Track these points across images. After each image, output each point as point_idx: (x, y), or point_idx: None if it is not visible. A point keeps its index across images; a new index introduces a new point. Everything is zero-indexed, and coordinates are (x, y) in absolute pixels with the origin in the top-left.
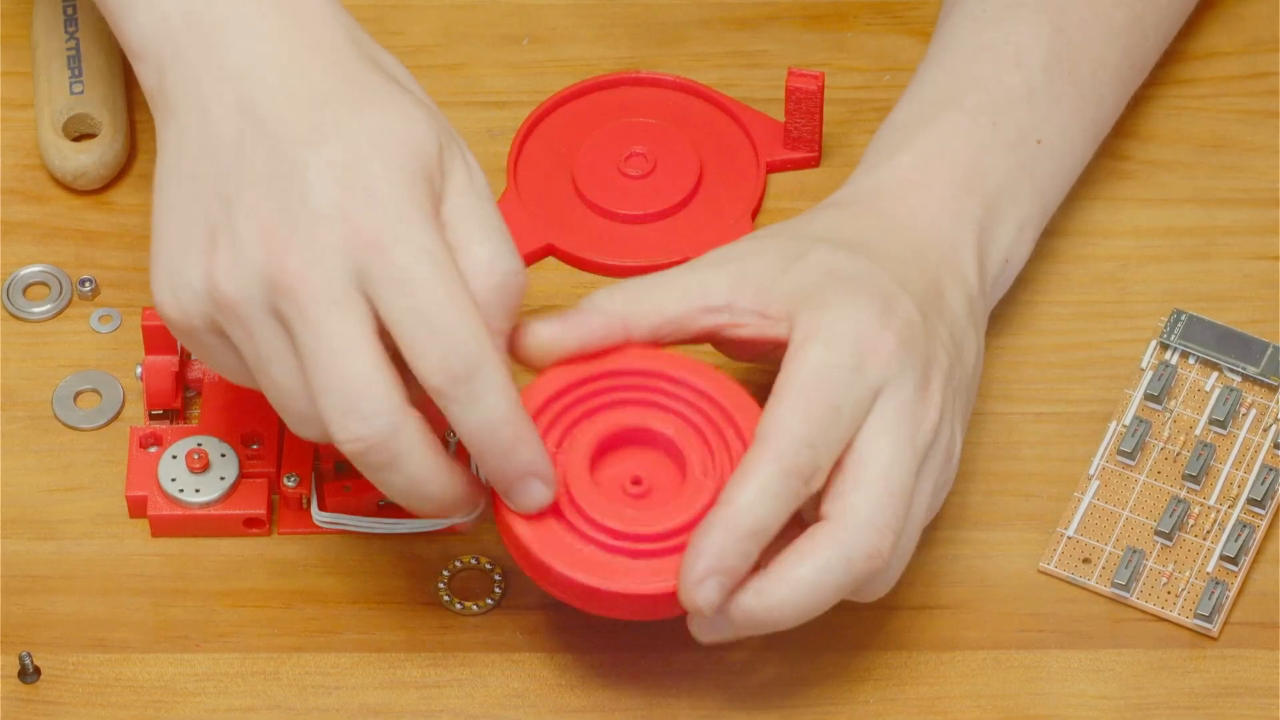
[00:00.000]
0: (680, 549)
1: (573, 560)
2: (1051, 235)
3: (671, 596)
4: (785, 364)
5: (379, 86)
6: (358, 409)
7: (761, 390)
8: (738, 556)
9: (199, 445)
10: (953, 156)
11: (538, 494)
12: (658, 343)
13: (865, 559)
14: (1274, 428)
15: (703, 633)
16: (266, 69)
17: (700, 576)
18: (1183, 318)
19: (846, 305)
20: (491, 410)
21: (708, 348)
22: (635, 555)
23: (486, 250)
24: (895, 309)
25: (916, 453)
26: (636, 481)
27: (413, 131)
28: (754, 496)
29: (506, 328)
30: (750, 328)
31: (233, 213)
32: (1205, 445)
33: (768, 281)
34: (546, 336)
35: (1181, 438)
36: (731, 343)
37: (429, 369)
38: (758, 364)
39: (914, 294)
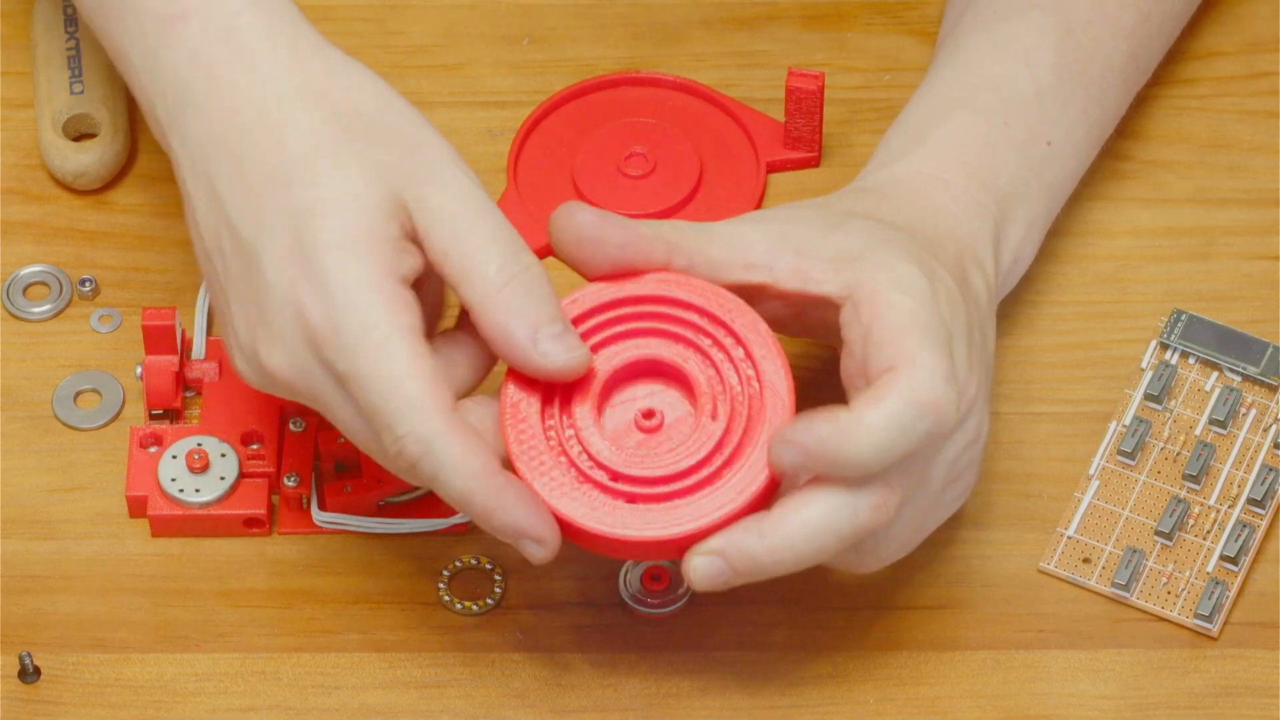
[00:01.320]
0: (670, 496)
1: (569, 499)
2: (1051, 235)
3: (654, 545)
4: (873, 319)
5: (316, 149)
6: (392, 426)
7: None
8: (833, 463)
9: (199, 445)
10: (965, 154)
11: (532, 551)
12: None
13: (871, 509)
14: (1274, 428)
15: (700, 578)
16: (221, 149)
17: (791, 437)
18: (1183, 318)
19: (900, 266)
20: (452, 488)
21: None
22: (633, 499)
23: (494, 264)
24: (937, 275)
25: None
26: (649, 415)
27: (350, 194)
28: (881, 418)
29: (543, 319)
30: (790, 284)
31: (229, 305)
32: (1205, 445)
33: (809, 246)
34: (585, 219)
35: (1181, 438)
36: (770, 300)
37: (384, 458)
38: (790, 334)
39: (948, 270)
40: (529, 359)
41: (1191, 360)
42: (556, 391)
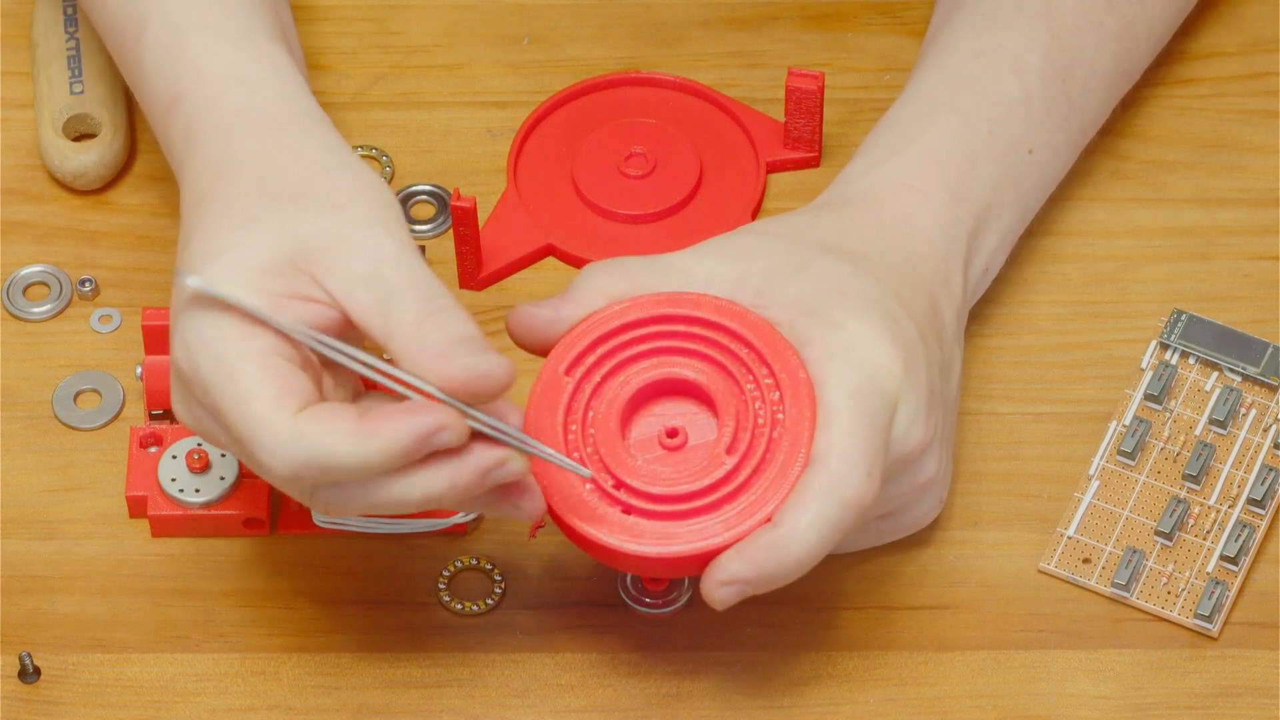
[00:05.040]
0: (677, 516)
1: (576, 508)
2: (1051, 235)
3: (657, 561)
4: (814, 385)
5: (227, 210)
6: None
7: None
8: (773, 580)
9: (199, 445)
10: (947, 162)
11: (445, 439)
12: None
13: (856, 498)
14: (1274, 428)
15: (723, 603)
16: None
17: (729, 578)
18: (1183, 318)
19: (858, 327)
20: (342, 466)
21: None
22: (627, 510)
23: (411, 313)
24: (901, 331)
25: (886, 455)
26: (672, 434)
27: (236, 248)
28: (810, 523)
29: (457, 337)
30: None
31: None
32: (1205, 445)
33: (770, 286)
34: (542, 320)
35: (1181, 438)
36: None
37: (282, 483)
38: None
39: (914, 314)
40: (447, 372)
41: (1191, 360)
42: (583, 394)
